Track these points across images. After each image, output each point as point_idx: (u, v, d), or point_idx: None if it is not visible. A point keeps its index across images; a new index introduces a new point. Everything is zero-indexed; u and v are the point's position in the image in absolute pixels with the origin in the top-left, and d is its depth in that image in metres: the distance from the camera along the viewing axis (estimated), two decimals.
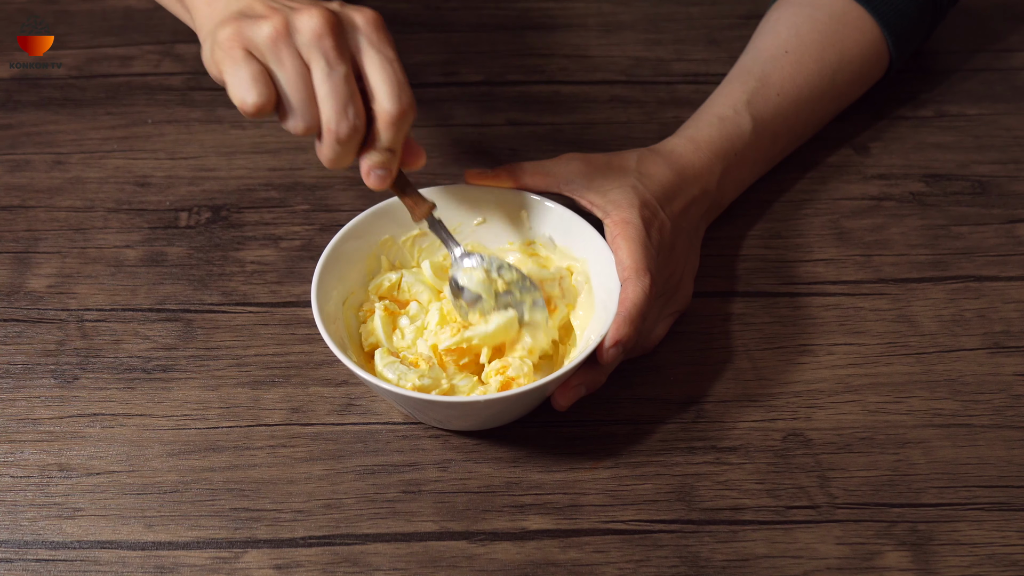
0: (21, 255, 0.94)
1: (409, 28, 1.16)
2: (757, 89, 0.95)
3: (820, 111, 0.99)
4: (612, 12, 1.18)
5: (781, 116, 0.95)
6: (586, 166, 0.86)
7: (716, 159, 0.91)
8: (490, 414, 0.79)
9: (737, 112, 0.93)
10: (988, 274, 0.93)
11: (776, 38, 0.98)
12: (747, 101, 0.94)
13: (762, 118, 0.94)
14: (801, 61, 0.97)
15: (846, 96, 1.01)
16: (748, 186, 0.97)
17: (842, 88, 0.99)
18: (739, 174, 0.94)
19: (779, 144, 0.97)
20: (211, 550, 0.76)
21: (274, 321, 0.89)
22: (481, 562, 0.76)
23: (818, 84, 0.97)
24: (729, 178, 0.92)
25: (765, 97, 0.95)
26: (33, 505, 0.79)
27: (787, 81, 0.96)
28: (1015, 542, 0.77)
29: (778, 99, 0.95)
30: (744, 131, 0.93)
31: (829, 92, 0.98)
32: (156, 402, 0.84)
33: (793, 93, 0.96)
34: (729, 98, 0.95)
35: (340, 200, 0.98)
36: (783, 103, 0.95)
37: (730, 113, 0.93)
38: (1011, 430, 0.82)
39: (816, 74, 0.97)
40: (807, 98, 0.97)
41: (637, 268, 0.80)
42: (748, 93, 0.95)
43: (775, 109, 0.95)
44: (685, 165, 0.89)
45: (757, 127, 0.93)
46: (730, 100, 0.94)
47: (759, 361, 0.87)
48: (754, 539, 0.77)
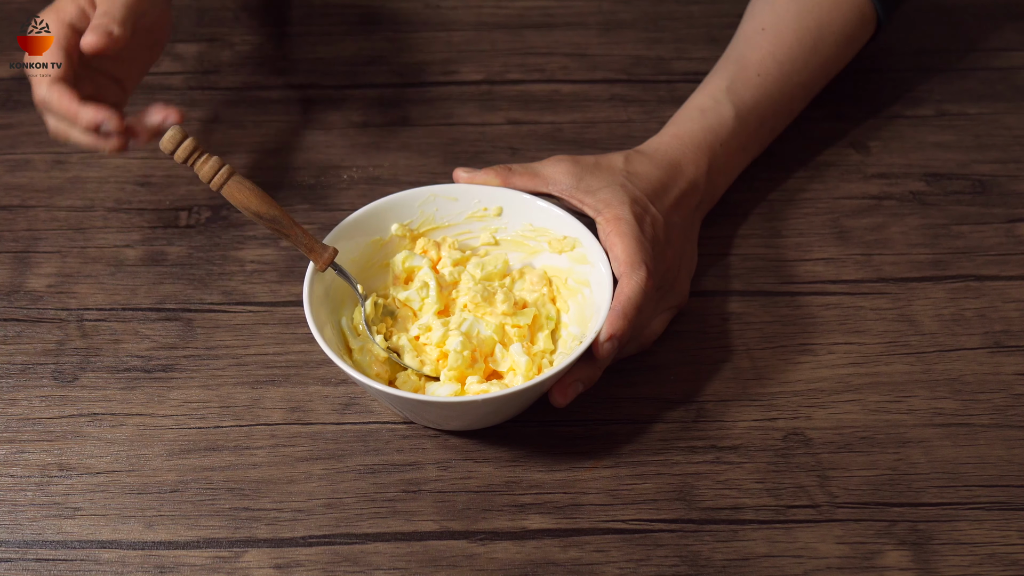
0: (21, 255, 0.94)
1: (409, 27, 1.16)
2: (736, 73, 0.94)
3: (807, 82, 0.97)
4: (612, 11, 1.18)
5: (765, 96, 0.94)
6: (575, 167, 0.87)
7: (701, 153, 0.91)
8: (484, 413, 0.79)
9: (718, 102, 0.93)
10: (988, 273, 0.93)
11: (753, 19, 0.98)
12: (727, 88, 0.93)
13: (744, 103, 0.93)
14: (779, 35, 0.95)
15: (833, 62, 0.99)
16: (742, 171, 0.96)
17: (827, 55, 0.97)
18: (728, 163, 0.93)
19: (767, 125, 0.96)
20: (211, 549, 0.76)
21: (274, 320, 0.89)
22: (481, 561, 0.76)
23: (800, 55, 0.96)
24: (717, 169, 0.92)
25: (745, 80, 0.94)
26: (33, 505, 0.79)
27: (767, 59, 0.95)
28: (1015, 541, 0.77)
29: (759, 79, 0.94)
30: (726, 120, 0.92)
31: (813, 61, 0.96)
32: (156, 401, 0.84)
33: (775, 70, 0.95)
34: (709, 88, 0.94)
35: (340, 199, 0.98)
36: (765, 83, 0.94)
37: (710, 103, 0.93)
38: (1011, 429, 0.82)
39: (796, 45, 0.95)
40: (790, 72, 0.95)
41: (632, 262, 0.80)
42: (727, 80, 0.94)
43: (757, 91, 0.94)
44: (671, 162, 0.89)
45: (740, 113, 0.93)
46: (710, 90, 0.94)
47: (759, 360, 0.87)
48: (754, 538, 0.77)
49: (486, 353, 0.83)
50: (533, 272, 0.88)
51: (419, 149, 1.03)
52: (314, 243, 0.81)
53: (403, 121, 1.06)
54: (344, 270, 0.83)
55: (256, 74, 1.11)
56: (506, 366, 0.83)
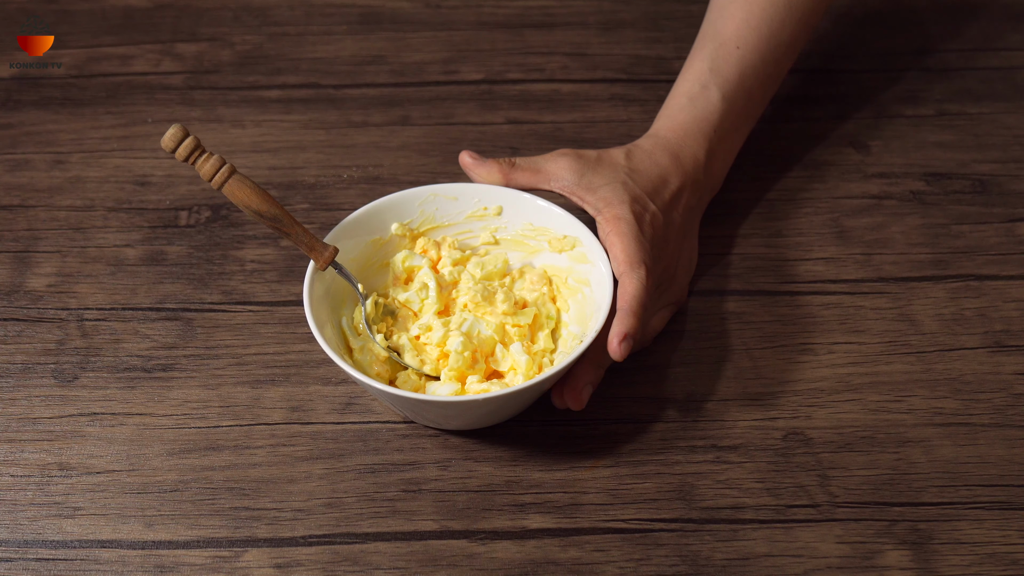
0: (21, 254, 0.94)
1: (409, 26, 1.16)
2: (716, 51, 0.93)
3: (789, 42, 0.95)
4: (612, 10, 1.18)
5: (749, 68, 0.93)
6: (577, 162, 0.87)
7: (698, 143, 0.90)
8: (484, 412, 0.79)
9: (704, 86, 0.92)
10: (988, 273, 0.93)
11: None
12: (709, 69, 0.92)
13: (730, 82, 0.92)
14: (750, 0, 0.93)
15: (811, 14, 0.96)
16: (739, 151, 0.96)
17: (802, 10, 0.95)
18: (723, 147, 0.93)
19: (755, 97, 0.95)
20: (211, 549, 0.76)
21: (274, 320, 0.89)
22: (481, 561, 0.76)
23: (775, 16, 0.94)
24: (715, 156, 0.92)
25: (726, 56, 0.92)
26: (33, 504, 0.79)
27: (742, 28, 0.93)
28: (1015, 541, 0.77)
29: (739, 52, 0.93)
30: (716, 104, 0.91)
31: (789, 20, 0.94)
32: (156, 401, 0.84)
33: (753, 39, 0.93)
34: (693, 72, 0.93)
35: (339, 199, 0.99)
36: (746, 54, 0.93)
37: (697, 89, 0.92)
38: (1011, 429, 0.82)
39: (769, 7, 0.93)
40: (768, 35, 0.93)
41: (631, 261, 0.80)
42: (709, 60, 0.92)
43: (740, 64, 0.93)
44: (671, 157, 0.89)
45: (728, 94, 0.92)
46: (695, 74, 0.93)
47: (759, 360, 0.87)
48: (754, 538, 0.77)
49: (487, 353, 0.83)
50: (533, 271, 0.88)
51: (419, 149, 1.03)
52: (315, 242, 0.81)
53: (403, 121, 1.06)
54: (344, 269, 0.83)
55: (256, 74, 1.11)
56: (506, 366, 0.83)
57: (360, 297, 0.84)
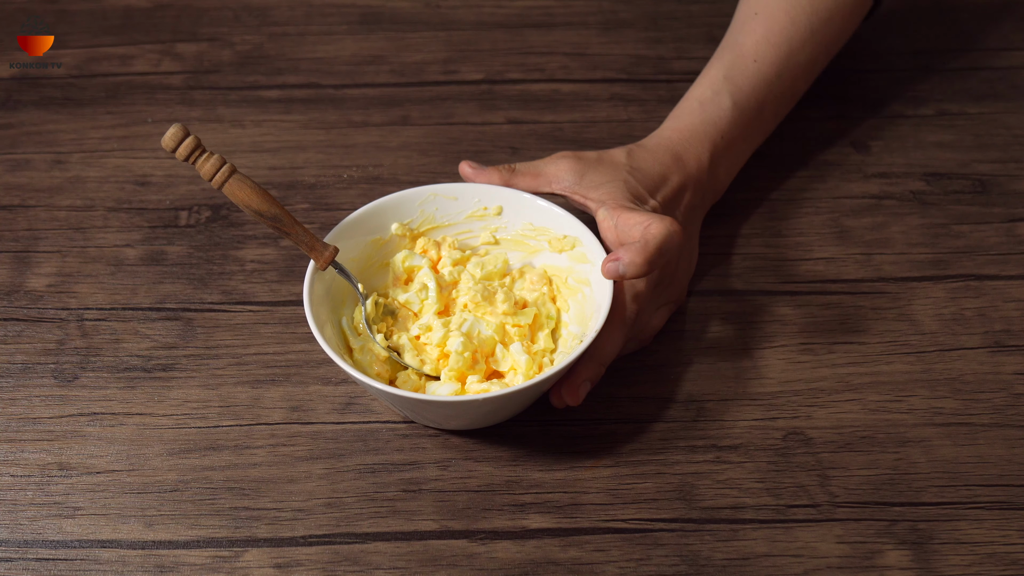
0: (21, 254, 0.94)
1: (409, 26, 1.16)
2: (733, 62, 0.93)
3: (806, 62, 0.96)
4: (612, 10, 1.18)
5: (764, 82, 0.93)
6: (577, 164, 0.87)
7: (703, 146, 0.90)
8: (485, 412, 0.79)
9: (716, 93, 0.92)
10: (988, 273, 0.93)
11: (746, 4, 0.97)
12: (724, 78, 0.93)
13: (743, 91, 0.93)
14: (772, 18, 0.94)
15: (832, 41, 0.98)
16: (746, 161, 0.96)
17: (824, 32, 0.96)
18: (730, 154, 0.93)
19: (767, 111, 0.95)
20: (211, 549, 0.76)
21: (274, 320, 0.89)
22: (481, 561, 0.76)
23: (795, 36, 0.94)
24: (719, 161, 0.92)
25: (742, 68, 0.93)
26: (33, 504, 0.79)
27: (761, 43, 0.94)
28: (1015, 541, 0.77)
29: (756, 66, 0.93)
30: (725, 111, 0.92)
31: (810, 41, 0.95)
32: (156, 401, 0.84)
33: (771, 55, 0.94)
34: (707, 79, 0.94)
35: (339, 199, 0.99)
36: (762, 68, 0.93)
37: (709, 95, 0.92)
38: (1011, 429, 0.82)
39: (790, 26, 0.94)
40: (787, 54, 0.94)
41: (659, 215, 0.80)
42: (724, 69, 0.93)
43: (755, 77, 0.93)
44: (673, 157, 0.89)
45: (738, 103, 0.92)
46: (708, 81, 0.93)
47: (759, 360, 0.87)
48: (754, 538, 0.77)
49: (487, 353, 0.83)
50: (533, 271, 0.88)
51: (419, 149, 1.03)
52: (315, 242, 0.81)
53: (403, 121, 1.06)
54: (345, 269, 0.83)
55: (256, 74, 1.11)
56: (507, 365, 0.83)
57: (360, 297, 0.84)
